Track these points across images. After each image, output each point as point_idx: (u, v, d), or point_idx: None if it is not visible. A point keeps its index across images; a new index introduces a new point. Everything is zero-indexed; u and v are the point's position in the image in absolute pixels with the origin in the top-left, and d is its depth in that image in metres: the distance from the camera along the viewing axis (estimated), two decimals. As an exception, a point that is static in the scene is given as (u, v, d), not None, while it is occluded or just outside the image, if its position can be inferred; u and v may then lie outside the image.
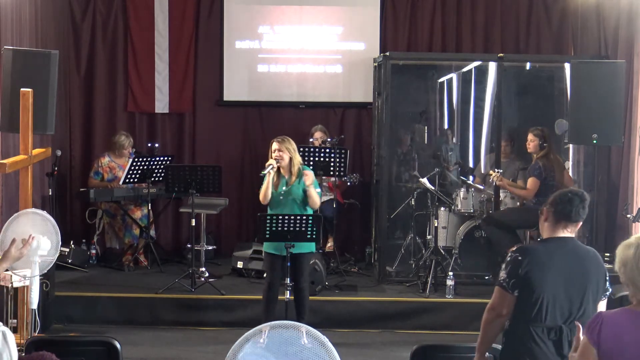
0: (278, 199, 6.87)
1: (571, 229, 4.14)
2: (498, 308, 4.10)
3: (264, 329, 4.24)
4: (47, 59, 6.79)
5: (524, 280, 4.02)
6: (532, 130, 8.33)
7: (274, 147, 6.90)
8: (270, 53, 9.71)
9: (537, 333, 4.03)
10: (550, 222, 4.14)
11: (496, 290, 4.13)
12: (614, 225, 8.19)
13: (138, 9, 9.58)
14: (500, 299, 4.10)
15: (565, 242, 4.12)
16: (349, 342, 7.38)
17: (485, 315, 4.17)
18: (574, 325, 4.00)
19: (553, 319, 4.02)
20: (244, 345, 4.15)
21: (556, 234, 4.13)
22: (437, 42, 9.66)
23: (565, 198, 4.11)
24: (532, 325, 4.04)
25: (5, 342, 3.26)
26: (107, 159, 9.03)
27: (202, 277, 8.28)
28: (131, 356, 6.46)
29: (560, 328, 4.02)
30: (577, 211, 4.10)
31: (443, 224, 8.59)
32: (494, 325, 4.15)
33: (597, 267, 4.13)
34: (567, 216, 4.10)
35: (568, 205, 4.09)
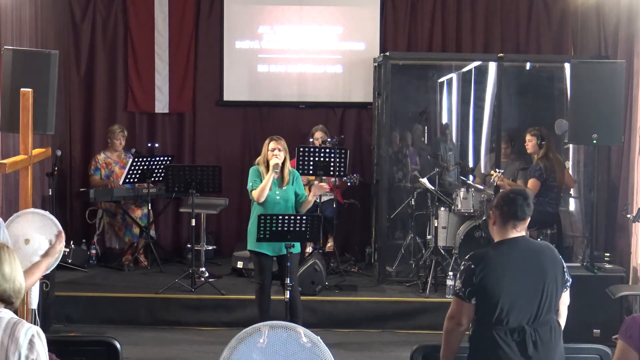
0: (274, 199, 6.85)
1: (520, 228, 4.17)
2: (457, 317, 4.15)
3: (263, 329, 4.24)
4: (47, 59, 6.78)
5: (480, 288, 4.04)
6: (529, 131, 8.35)
7: (273, 146, 6.86)
8: (270, 53, 9.71)
9: (500, 336, 4.04)
10: (498, 225, 4.18)
11: (453, 299, 4.19)
12: (614, 225, 8.19)
13: (138, 9, 9.58)
14: (458, 309, 4.13)
15: (517, 242, 4.15)
16: (349, 342, 7.39)
17: (445, 325, 4.22)
18: (537, 325, 4.05)
19: (515, 320, 4.03)
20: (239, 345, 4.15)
21: (507, 236, 4.16)
22: (437, 42, 9.66)
23: (507, 199, 4.17)
24: (494, 329, 4.05)
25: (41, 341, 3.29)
26: (102, 155, 9.07)
27: (202, 277, 8.28)
28: (131, 356, 6.47)
29: (523, 329, 4.03)
30: (522, 209, 4.13)
31: (443, 224, 8.59)
32: (455, 334, 4.19)
33: (553, 261, 4.15)
34: (514, 216, 4.13)
35: (512, 205, 4.13)
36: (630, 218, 7.20)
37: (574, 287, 4.34)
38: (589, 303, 6.81)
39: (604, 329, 6.87)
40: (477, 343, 4.16)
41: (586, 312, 6.67)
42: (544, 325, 4.06)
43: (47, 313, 6.99)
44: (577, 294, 4.63)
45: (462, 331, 4.16)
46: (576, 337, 5.59)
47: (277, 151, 6.82)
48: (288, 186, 6.88)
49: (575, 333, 5.52)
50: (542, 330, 4.05)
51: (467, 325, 4.14)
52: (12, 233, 5.32)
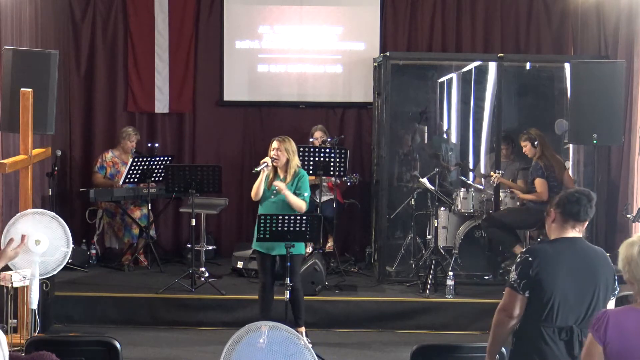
0: (269, 197, 6.87)
1: (579, 229, 4.13)
2: (509, 309, 4.08)
3: (263, 328, 4.24)
4: (47, 59, 6.79)
5: (535, 281, 4.00)
6: (521, 137, 8.37)
7: (273, 146, 6.90)
8: (270, 53, 9.71)
9: (548, 333, 4.02)
10: (558, 223, 4.13)
11: (507, 291, 4.11)
12: (614, 225, 8.19)
13: (138, 9, 9.58)
14: (511, 300, 4.07)
15: (574, 242, 4.12)
16: (349, 342, 7.39)
17: (496, 317, 4.14)
18: (584, 326, 3.99)
19: (564, 320, 4.01)
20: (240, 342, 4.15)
21: (564, 234, 4.12)
22: (437, 42, 9.66)
23: (572, 198, 4.11)
24: (542, 326, 4.02)
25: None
26: (110, 154, 9.07)
27: (202, 277, 8.28)
28: (131, 356, 6.47)
29: (571, 328, 4.00)
30: (585, 211, 4.09)
31: (443, 224, 8.60)
32: (505, 327, 4.12)
33: (606, 267, 4.13)
34: (576, 216, 4.09)
35: (576, 205, 4.08)
36: (630, 218, 7.21)
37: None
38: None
39: (604, 329, 6.87)
40: (523, 338, 4.10)
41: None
42: None
43: (47, 313, 6.99)
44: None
45: (512, 324, 4.09)
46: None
47: (275, 151, 6.85)
48: (288, 185, 6.88)
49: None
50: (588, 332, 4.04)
51: (518, 319, 4.08)
52: (18, 233, 5.31)
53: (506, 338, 4.17)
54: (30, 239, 5.37)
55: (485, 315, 6.43)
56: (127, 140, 9.00)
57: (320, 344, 7.10)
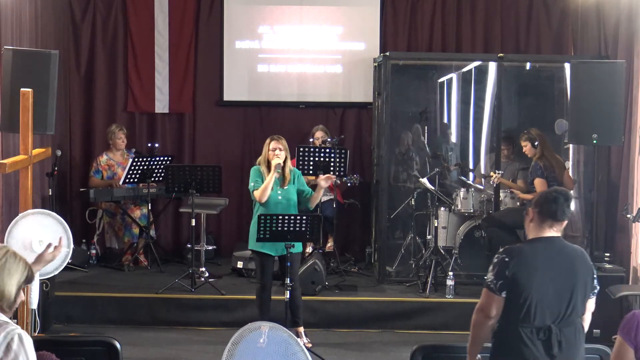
0: (276, 199, 6.85)
1: (557, 228, 4.16)
2: (486, 309, 4.11)
3: (263, 328, 4.24)
4: (47, 59, 6.79)
5: (512, 282, 4.02)
6: (521, 137, 8.37)
7: (274, 146, 6.87)
8: (270, 53, 9.71)
9: (526, 333, 4.03)
10: (536, 222, 4.16)
11: (484, 291, 4.14)
12: (614, 225, 8.19)
13: (138, 9, 9.58)
14: (488, 301, 4.10)
15: (552, 242, 4.13)
16: (349, 342, 7.39)
17: (474, 317, 4.18)
18: (563, 325, 4.03)
19: (542, 319, 4.02)
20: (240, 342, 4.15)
21: (542, 234, 4.14)
22: (437, 42, 9.66)
23: (550, 197, 4.14)
24: (520, 326, 4.04)
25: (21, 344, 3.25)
26: (105, 157, 9.06)
27: (202, 277, 8.28)
28: (131, 356, 6.47)
29: (549, 328, 4.02)
30: (562, 210, 4.12)
31: (443, 224, 8.60)
32: (483, 327, 4.15)
33: (584, 266, 4.14)
34: (553, 215, 4.11)
35: (553, 205, 4.11)
36: (630, 218, 7.20)
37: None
38: (589, 303, 6.79)
39: (604, 329, 6.86)
40: (502, 339, 4.13)
41: (586, 312, 6.66)
42: (569, 326, 4.05)
43: (47, 313, 6.99)
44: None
45: (490, 325, 4.12)
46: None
47: (277, 151, 6.83)
48: (289, 185, 6.88)
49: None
50: (567, 331, 4.03)
51: (496, 319, 4.10)
52: (22, 234, 5.30)
53: (485, 337, 4.19)
54: (33, 239, 5.36)
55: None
56: (115, 139, 9.00)
57: (320, 344, 7.11)
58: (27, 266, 3.41)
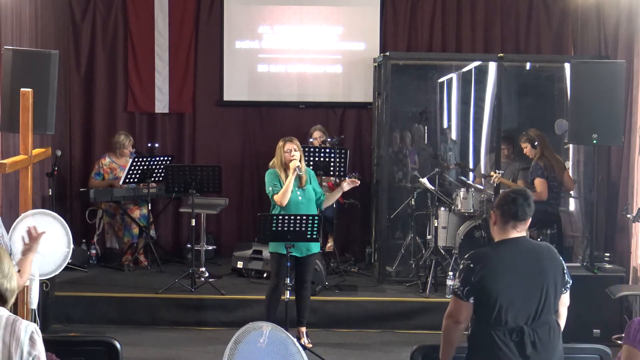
0: (297, 199, 6.79)
1: (521, 228, 4.16)
2: (455, 315, 4.13)
3: (265, 327, 4.24)
4: (47, 59, 6.79)
5: (478, 287, 4.03)
6: (520, 139, 8.38)
7: (289, 147, 6.79)
8: (270, 53, 9.71)
9: (499, 336, 4.03)
10: (499, 225, 4.17)
11: (452, 298, 4.17)
12: (614, 225, 8.19)
13: (138, 9, 9.58)
14: (457, 307, 4.12)
15: (517, 242, 4.14)
16: (349, 342, 7.39)
17: (444, 323, 4.20)
18: (536, 325, 4.04)
19: (514, 321, 4.02)
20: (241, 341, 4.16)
21: (507, 236, 4.15)
22: (437, 42, 9.66)
23: (508, 199, 4.16)
24: (493, 329, 4.04)
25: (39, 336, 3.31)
26: (107, 159, 9.05)
27: (202, 277, 8.28)
28: (131, 356, 6.47)
29: (522, 329, 4.02)
30: (522, 210, 4.13)
31: (443, 224, 8.59)
32: (453, 332, 4.17)
33: (553, 262, 4.14)
34: (514, 216, 4.12)
35: (513, 205, 4.12)
36: (630, 218, 7.20)
37: (574, 287, 4.32)
38: (589, 303, 6.80)
39: (604, 329, 6.87)
40: (475, 342, 4.15)
41: (586, 312, 6.67)
42: (542, 325, 4.06)
43: (47, 313, 6.99)
44: (577, 294, 4.62)
45: (460, 329, 4.15)
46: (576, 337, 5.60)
47: (293, 152, 6.79)
48: (307, 185, 6.85)
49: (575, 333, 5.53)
50: (540, 330, 4.04)
51: (466, 324, 4.13)
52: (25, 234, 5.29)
53: (457, 342, 4.20)
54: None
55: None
56: (122, 149, 9.00)
57: (321, 344, 7.11)
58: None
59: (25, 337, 3.26)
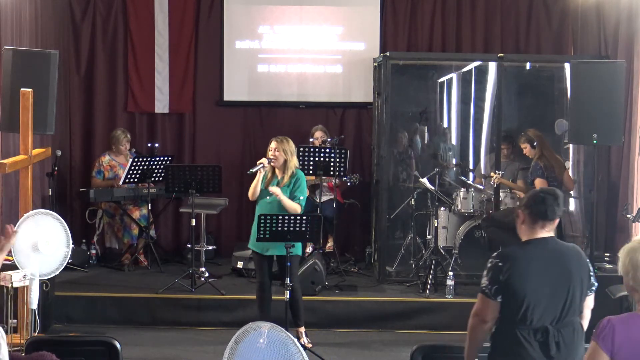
0: (266, 197, 6.88)
1: (549, 228, 4.14)
2: (482, 314, 4.10)
3: (264, 328, 4.24)
4: (47, 59, 6.79)
5: (506, 286, 4.01)
6: (519, 139, 8.38)
7: (272, 146, 6.91)
8: (270, 53, 9.71)
9: (524, 335, 4.02)
10: (527, 224, 4.14)
11: (479, 296, 4.14)
12: (614, 225, 8.19)
13: (138, 9, 9.58)
14: (484, 306, 4.09)
15: (546, 242, 4.12)
16: (349, 342, 7.39)
17: (470, 321, 4.17)
18: (560, 326, 4.02)
19: (539, 321, 4.01)
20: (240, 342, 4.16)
21: (535, 235, 4.12)
22: (437, 42, 9.65)
23: (538, 198, 4.13)
24: (518, 328, 4.03)
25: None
26: (107, 157, 9.06)
27: (202, 277, 8.28)
28: (131, 356, 6.47)
29: (547, 329, 4.01)
30: (552, 209, 4.10)
31: (443, 224, 8.60)
32: (479, 331, 4.14)
33: (580, 264, 4.13)
34: (544, 215, 4.10)
35: (542, 205, 4.09)
36: (630, 218, 7.21)
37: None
38: (589, 303, 6.79)
39: (603, 329, 6.86)
40: (499, 341, 4.12)
41: (586, 312, 6.66)
42: (567, 326, 4.04)
43: (47, 313, 6.99)
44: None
45: (486, 329, 4.11)
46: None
47: (273, 152, 6.85)
48: (283, 188, 6.86)
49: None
50: (565, 331, 4.02)
51: (492, 323, 4.10)
52: (28, 235, 5.30)
53: (482, 341, 4.18)
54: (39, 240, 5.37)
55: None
56: (118, 144, 9.00)
57: (321, 344, 7.11)
58: None
59: None
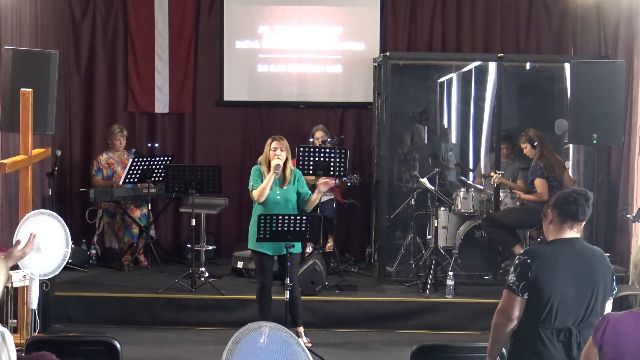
0: (275, 199, 6.84)
1: (577, 229, 4.11)
2: (508, 311, 4.05)
3: (264, 328, 4.24)
4: (47, 59, 6.79)
5: (534, 283, 3.98)
6: (520, 139, 8.37)
7: (274, 146, 6.86)
8: (270, 53, 9.71)
9: (546, 335, 4.00)
10: (555, 224, 4.11)
11: (505, 293, 4.08)
12: (614, 225, 8.19)
13: (138, 9, 9.58)
14: (510, 302, 4.04)
15: (573, 243, 4.09)
16: (349, 342, 7.39)
17: (495, 319, 4.12)
18: (583, 327, 3.99)
19: (562, 321, 3.99)
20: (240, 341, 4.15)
21: (562, 235, 4.09)
22: (437, 42, 9.66)
23: (570, 198, 4.09)
24: (541, 327, 4.00)
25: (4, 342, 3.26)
26: (105, 156, 9.08)
27: (202, 277, 8.28)
28: (131, 356, 6.47)
29: (570, 330, 3.99)
30: (583, 210, 4.09)
31: (443, 224, 8.59)
32: (504, 329, 4.09)
33: (604, 267, 4.10)
34: (574, 216, 4.08)
35: (574, 205, 4.07)
36: (630, 218, 7.21)
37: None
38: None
39: (603, 329, 6.86)
40: (521, 339, 4.09)
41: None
42: (588, 327, 3.98)
43: (47, 313, 6.99)
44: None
45: (511, 326, 4.07)
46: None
47: (278, 151, 6.82)
48: (289, 186, 6.87)
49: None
50: (586, 332, 3.97)
51: (517, 321, 4.06)
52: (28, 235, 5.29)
53: (506, 339, 4.15)
54: (41, 240, 5.36)
55: (485, 315, 6.42)
56: (113, 139, 9.02)
57: (320, 344, 7.11)
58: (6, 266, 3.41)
59: None
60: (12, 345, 3.28)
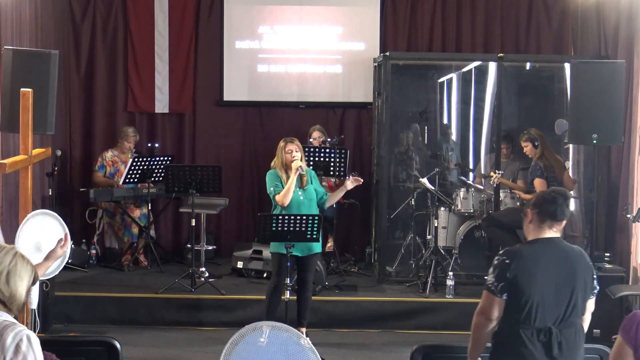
0: (298, 199, 6.77)
1: (556, 229, 4.14)
2: (487, 312, 4.09)
3: (265, 328, 4.24)
4: (47, 59, 6.78)
5: (513, 284, 4.00)
6: (521, 138, 8.37)
7: (290, 148, 6.79)
8: (270, 53, 9.71)
9: (527, 335, 4.01)
10: (535, 223, 4.14)
11: (484, 294, 4.12)
12: (614, 225, 8.19)
13: (138, 9, 9.58)
14: (489, 303, 4.08)
15: (552, 243, 4.12)
16: (349, 342, 7.39)
17: (474, 319, 4.15)
18: (563, 326, 4.02)
19: (542, 321, 4.01)
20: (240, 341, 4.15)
21: (542, 235, 4.12)
22: (437, 42, 9.66)
23: (548, 198, 4.13)
24: (521, 327, 4.02)
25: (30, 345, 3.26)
26: (110, 153, 9.08)
27: (202, 277, 8.28)
28: (131, 356, 6.48)
29: (550, 329, 4.00)
30: (561, 210, 4.11)
31: (443, 224, 8.60)
32: (484, 329, 4.13)
33: (584, 266, 4.12)
34: (552, 216, 4.10)
35: (552, 205, 4.10)
36: (630, 218, 7.20)
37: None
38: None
39: (604, 329, 6.86)
40: (502, 340, 4.11)
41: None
42: (569, 327, 4.03)
43: (47, 313, 6.99)
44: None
45: (491, 327, 4.10)
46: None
47: (294, 152, 6.78)
48: (309, 185, 6.84)
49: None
50: (567, 332, 4.02)
51: (497, 321, 4.08)
52: (31, 235, 5.30)
53: (487, 340, 4.17)
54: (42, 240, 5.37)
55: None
56: (124, 140, 9.02)
57: (321, 344, 7.10)
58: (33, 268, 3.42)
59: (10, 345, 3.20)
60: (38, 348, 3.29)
